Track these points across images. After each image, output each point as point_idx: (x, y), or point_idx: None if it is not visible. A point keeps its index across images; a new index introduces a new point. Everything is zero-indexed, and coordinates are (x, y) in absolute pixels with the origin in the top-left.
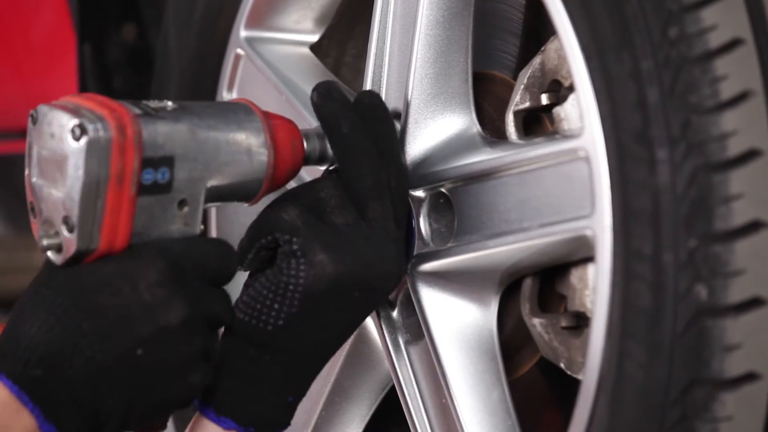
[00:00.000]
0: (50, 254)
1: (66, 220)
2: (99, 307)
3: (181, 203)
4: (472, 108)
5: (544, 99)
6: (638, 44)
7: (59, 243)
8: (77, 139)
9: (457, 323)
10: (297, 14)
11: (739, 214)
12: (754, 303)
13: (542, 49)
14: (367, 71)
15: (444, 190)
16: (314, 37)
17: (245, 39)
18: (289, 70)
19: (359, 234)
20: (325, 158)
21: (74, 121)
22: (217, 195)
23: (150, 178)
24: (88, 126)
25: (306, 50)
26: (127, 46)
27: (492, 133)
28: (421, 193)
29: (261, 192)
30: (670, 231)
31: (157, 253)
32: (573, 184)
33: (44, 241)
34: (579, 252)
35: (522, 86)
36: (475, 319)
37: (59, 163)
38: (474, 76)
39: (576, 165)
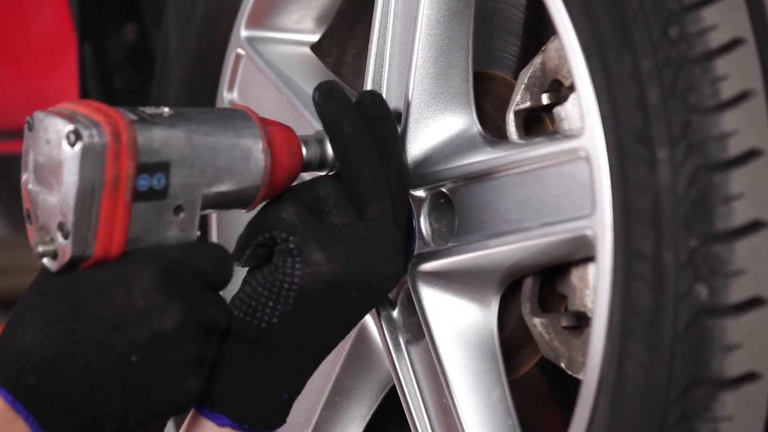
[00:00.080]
0: (46, 261)
1: (61, 227)
2: (94, 314)
3: (177, 209)
4: (473, 108)
5: (545, 99)
6: (639, 44)
7: (55, 249)
8: (72, 145)
9: (458, 323)
10: (297, 14)
11: (740, 214)
12: (755, 303)
13: (543, 48)
14: (368, 71)
15: (445, 189)
16: (315, 37)
17: (246, 39)
18: (290, 69)
19: (357, 234)
20: (324, 164)
21: (69, 127)
22: (214, 201)
23: (145, 184)
24: (83, 132)
25: (307, 50)
26: (128, 46)
27: (493, 132)
28: (422, 193)
29: (258, 198)
30: (670, 231)
31: (151, 259)
32: (573, 183)
33: (40, 248)
34: (579, 252)
35: (523, 86)
36: (475, 319)
37: (55, 169)
38: (475, 75)
39: (576, 165)
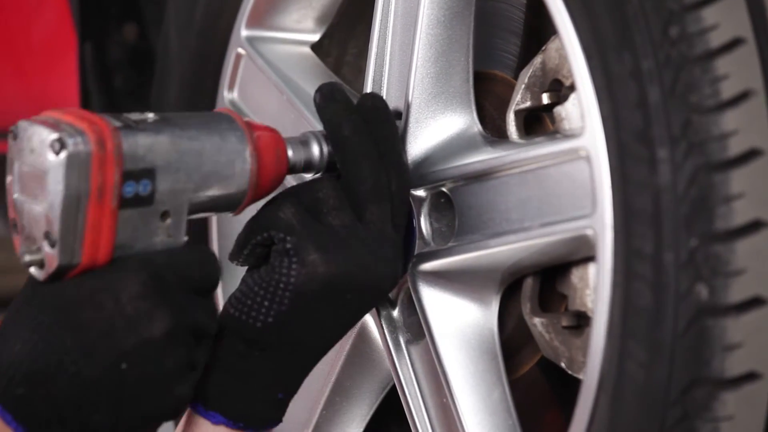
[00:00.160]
0: (33, 270)
1: (47, 236)
2: (82, 323)
3: (163, 215)
4: (473, 107)
5: (545, 98)
6: (639, 44)
7: (41, 259)
8: (57, 153)
9: (458, 323)
10: (298, 13)
11: (740, 214)
12: (755, 302)
13: (543, 48)
14: (368, 70)
15: (445, 189)
16: (315, 37)
17: (246, 38)
18: (290, 69)
19: (355, 236)
20: (310, 167)
21: (53, 136)
22: (201, 206)
23: (131, 190)
24: (68, 140)
25: (307, 50)
26: (128, 45)
27: (493, 132)
28: (422, 193)
29: (245, 202)
30: (670, 230)
31: (139, 266)
32: (574, 183)
33: (26, 257)
34: (580, 251)
35: (523, 85)
36: (475, 319)
37: (39, 178)
38: (475, 75)
39: (577, 164)
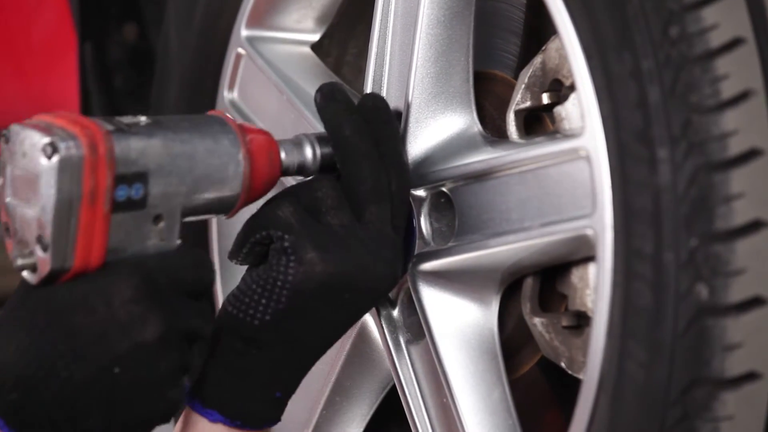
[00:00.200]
0: (25, 274)
1: (40, 240)
2: (74, 327)
3: (156, 218)
4: (473, 107)
5: (545, 98)
6: (639, 43)
7: (34, 263)
8: (49, 157)
9: (458, 322)
10: (298, 13)
11: (740, 214)
12: (755, 302)
13: (543, 48)
14: (368, 70)
15: (445, 189)
16: (315, 37)
17: (246, 38)
18: (290, 69)
19: (353, 236)
20: (303, 170)
21: (45, 140)
22: (194, 209)
23: (123, 194)
24: (60, 144)
25: (307, 49)
26: (128, 45)
27: (493, 132)
28: (422, 193)
29: (238, 205)
30: (670, 230)
31: (131, 270)
32: (574, 183)
33: (19, 261)
34: (580, 251)
35: (523, 85)
36: (476, 319)
37: (32, 182)
38: (475, 75)
39: (577, 164)
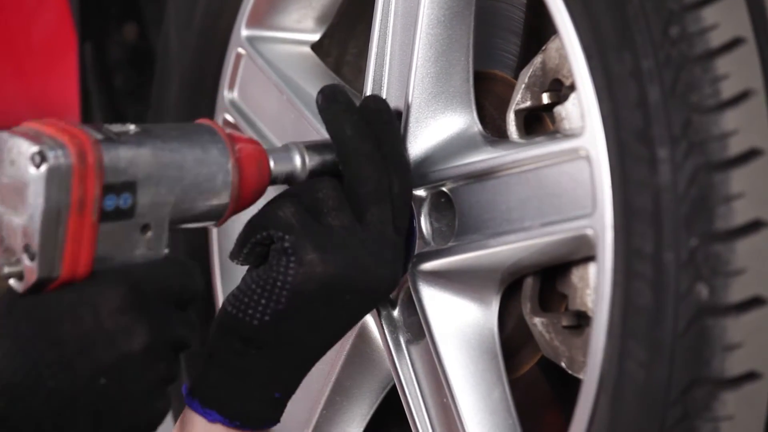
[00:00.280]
0: (12, 282)
1: (27, 248)
2: (61, 337)
3: (144, 228)
4: (473, 107)
5: (545, 98)
6: (639, 43)
7: (20, 271)
8: (37, 166)
9: (458, 322)
10: (298, 13)
11: (740, 214)
12: (755, 302)
13: (543, 48)
14: (369, 70)
15: (445, 189)
16: (315, 36)
17: (246, 38)
18: (290, 69)
19: (354, 237)
20: (292, 179)
21: (34, 149)
22: (182, 218)
23: (112, 204)
24: (48, 153)
25: (307, 49)
26: (128, 45)
27: (493, 132)
28: (422, 192)
29: (227, 214)
30: (671, 230)
31: (118, 279)
32: (574, 183)
33: (6, 269)
34: (580, 251)
35: (523, 85)
36: (476, 318)
37: (20, 190)
38: (475, 75)
39: (577, 164)
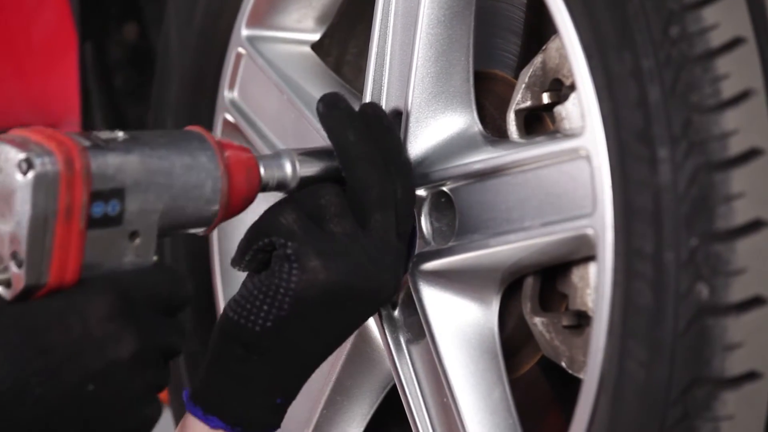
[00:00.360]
0: (0, 289)
1: (14, 256)
2: (48, 345)
3: (132, 235)
4: (474, 107)
5: (546, 98)
6: (639, 43)
7: (8, 278)
8: (24, 173)
9: (459, 322)
10: (298, 13)
11: (741, 213)
12: (755, 302)
13: (543, 48)
14: (369, 70)
15: (445, 189)
16: (315, 36)
17: (246, 38)
18: (291, 68)
19: (357, 244)
20: (282, 186)
21: (21, 156)
22: (171, 225)
23: (100, 211)
24: (36, 160)
25: (307, 49)
26: (129, 45)
27: (493, 132)
28: (423, 192)
29: (216, 221)
30: (671, 230)
31: (106, 287)
32: (574, 183)
33: None
34: (580, 251)
35: (523, 85)
36: (476, 318)
37: (7, 197)
38: (475, 74)
39: (577, 164)
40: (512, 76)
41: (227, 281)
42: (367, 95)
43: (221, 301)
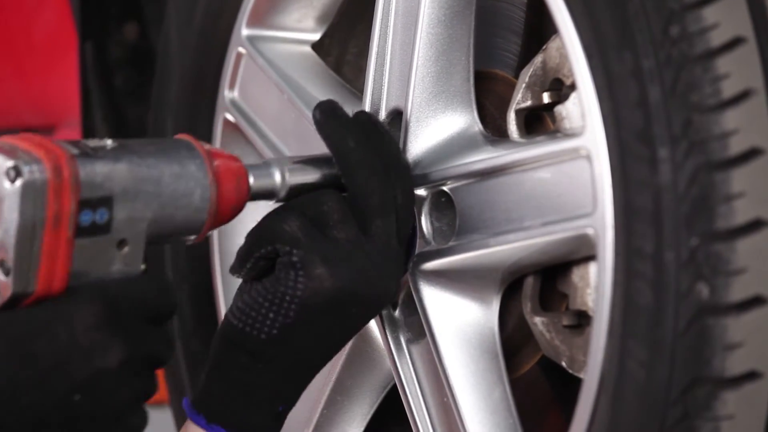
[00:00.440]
0: None
1: (2, 264)
2: (35, 354)
3: (120, 243)
4: (474, 106)
5: (546, 97)
6: (640, 43)
7: None
8: (12, 181)
9: (459, 322)
10: (298, 13)
11: (741, 213)
12: (756, 302)
13: (544, 47)
14: (369, 70)
15: (445, 188)
16: (316, 36)
17: (247, 38)
18: (291, 68)
19: (360, 250)
20: (272, 194)
21: (9, 163)
22: (159, 234)
23: (88, 219)
24: (24, 168)
25: (307, 49)
26: (129, 44)
27: (493, 131)
28: (423, 192)
29: (204, 229)
30: (671, 230)
31: (94, 295)
32: (575, 182)
33: None
34: (581, 250)
35: (523, 85)
36: (476, 318)
37: None
38: (475, 74)
39: (577, 164)
40: (512, 76)
41: (227, 281)
42: (368, 95)
43: (221, 302)
